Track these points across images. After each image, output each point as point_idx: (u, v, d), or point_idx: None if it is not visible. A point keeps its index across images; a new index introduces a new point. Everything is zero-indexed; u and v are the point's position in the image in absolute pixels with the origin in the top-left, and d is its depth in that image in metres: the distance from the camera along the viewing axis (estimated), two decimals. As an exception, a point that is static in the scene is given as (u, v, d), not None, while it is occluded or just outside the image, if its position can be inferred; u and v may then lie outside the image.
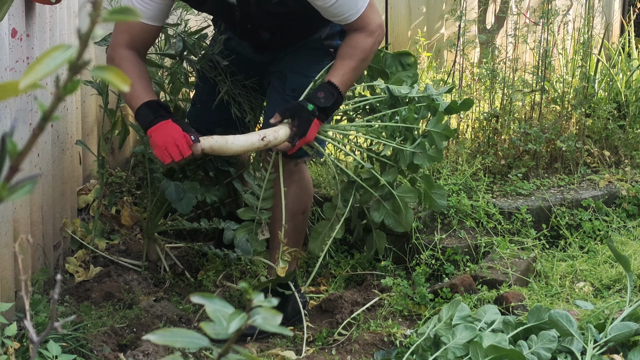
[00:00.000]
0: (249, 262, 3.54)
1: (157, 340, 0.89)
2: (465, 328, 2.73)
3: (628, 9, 6.03)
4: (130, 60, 2.96)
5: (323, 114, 2.94)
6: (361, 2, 2.94)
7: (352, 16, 2.94)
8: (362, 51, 2.98)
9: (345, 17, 2.94)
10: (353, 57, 2.97)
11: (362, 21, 2.97)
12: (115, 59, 2.97)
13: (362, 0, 2.94)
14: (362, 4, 2.94)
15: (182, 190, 3.18)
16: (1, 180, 0.81)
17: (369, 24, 2.98)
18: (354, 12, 2.93)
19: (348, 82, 2.98)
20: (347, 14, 2.93)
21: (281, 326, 0.90)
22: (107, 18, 0.82)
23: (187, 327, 3.11)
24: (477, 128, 4.25)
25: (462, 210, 3.73)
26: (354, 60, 2.97)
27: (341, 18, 2.95)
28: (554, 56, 4.62)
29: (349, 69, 2.97)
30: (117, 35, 2.99)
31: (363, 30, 2.98)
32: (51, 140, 3.08)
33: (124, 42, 2.96)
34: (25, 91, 0.83)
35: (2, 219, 2.64)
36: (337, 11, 2.91)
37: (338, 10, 2.90)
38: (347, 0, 2.90)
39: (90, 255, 3.36)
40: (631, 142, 4.35)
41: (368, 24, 2.98)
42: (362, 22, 2.97)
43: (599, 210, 3.88)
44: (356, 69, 2.99)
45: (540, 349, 2.72)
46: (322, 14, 2.94)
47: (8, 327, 2.51)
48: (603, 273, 3.42)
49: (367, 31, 2.98)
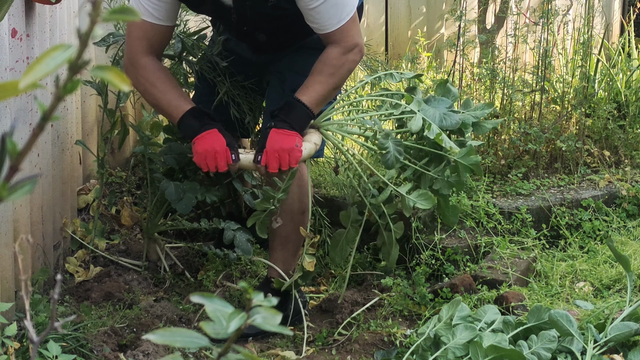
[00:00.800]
0: (249, 262, 3.54)
1: (157, 340, 0.89)
2: (465, 328, 2.73)
3: (628, 9, 6.03)
4: (156, 69, 2.96)
5: (280, 120, 2.86)
6: (344, 15, 2.87)
7: (331, 26, 2.87)
8: (332, 67, 2.89)
9: (324, 25, 2.87)
10: (322, 73, 2.90)
11: (339, 34, 2.89)
12: (140, 70, 2.93)
13: (345, 13, 2.87)
14: (344, 17, 2.87)
15: (182, 190, 3.18)
16: (1, 180, 0.81)
17: (346, 39, 2.90)
18: (334, 22, 2.87)
19: (315, 94, 2.89)
20: (327, 23, 2.86)
21: (281, 326, 0.90)
22: (107, 18, 0.82)
23: (187, 327, 3.11)
24: (477, 128, 4.25)
25: (462, 210, 3.73)
26: (324, 76, 2.90)
27: (320, 25, 2.88)
28: (554, 56, 4.61)
29: (317, 84, 2.89)
30: (135, 42, 2.94)
31: (338, 45, 2.90)
32: (51, 140, 3.08)
33: (142, 49, 2.94)
34: (25, 91, 0.83)
35: (2, 219, 2.64)
36: (319, 17, 2.85)
37: (319, 15, 2.85)
38: (331, 8, 2.83)
39: (90, 255, 3.36)
40: (631, 142, 4.35)
41: (345, 39, 2.89)
42: (340, 36, 2.89)
43: (599, 210, 3.88)
44: (324, 83, 2.89)
45: (541, 349, 2.72)
46: (305, 18, 2.89)
47: (8, 327, 2.51)
48: (603, 273, 3.42)
49: (342, 47, 2.90)
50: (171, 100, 2.94)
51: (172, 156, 3.27)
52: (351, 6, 2.89)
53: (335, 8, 2.84)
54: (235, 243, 3.28)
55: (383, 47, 6.14)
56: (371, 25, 6.01)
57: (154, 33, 2.93)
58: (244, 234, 3.31)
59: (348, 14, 2.88)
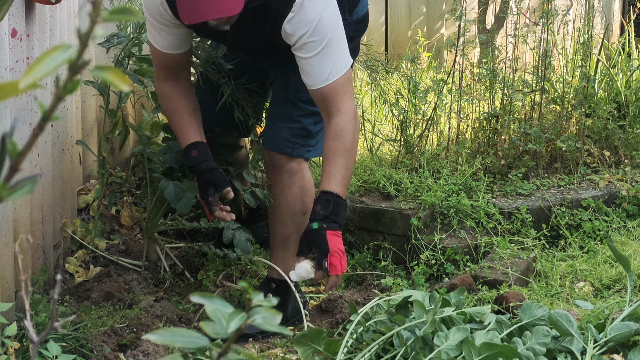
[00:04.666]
0: (249, 262, 3.54)
1: (157, 340, 0.89)
2: (458, 329, 2.74)
3: (628, 9, 6.03)
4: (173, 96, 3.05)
5: (330, 222, 2.76)
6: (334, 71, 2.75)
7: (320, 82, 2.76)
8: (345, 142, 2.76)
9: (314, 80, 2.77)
10: (338, 152, 2.77)
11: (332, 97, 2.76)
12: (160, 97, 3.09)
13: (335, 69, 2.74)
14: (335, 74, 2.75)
15: (181, 189, 3.18)
16: (1, 180, 0.81)
17: (341, 104, 2.76)
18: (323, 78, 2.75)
19: (342, 180, 2.79)
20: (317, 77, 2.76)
21: (281, 326, 0.90)
22: (107, 18, 0.82)
23: (187, 327, 3.11)
24: (477, 128, 4.25)
25: (462, 210, 3.73)
26: (341, 156, 2.77)
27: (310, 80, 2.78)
28: (554, 56, 4.61)
29: (339, 167, 2.77)
30: (155, 69, 3.06)
31: (337, 113, 2.76)
32: (51, 140, 3.08)
33: (164, 76, 3.03)
34: (25, 91, 0.83)
35: (2, 219, 2.64)
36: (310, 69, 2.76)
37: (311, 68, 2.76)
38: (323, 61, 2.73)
39: (90, 255, 3.36)
40: (631, 142, 4.35)
41: (340, 104, 2.76)
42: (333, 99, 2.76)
43: (599, 210, 3.88)
44: (346, 165, 2.79)
45: (535, 344, 2.73)
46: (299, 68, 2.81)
47: (8, 327, 2.51)
48: (603, 273, 3.42)
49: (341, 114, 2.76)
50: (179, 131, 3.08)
51: (171, 155, 3.27)
52: (343, 64, 2.77)
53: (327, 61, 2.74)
54: (234, 242, 3.28)
55: (383, 47, 6.14)
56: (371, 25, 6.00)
57: (170, 61, 3.01)
58: (243, 233, 3.30)
59: (339, 71, 2.76)
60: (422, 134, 4.11)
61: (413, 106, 4.16)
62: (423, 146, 4.11)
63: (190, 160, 3.04)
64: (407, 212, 3.68)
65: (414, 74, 4.39)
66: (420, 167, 3.97)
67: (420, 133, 4.12)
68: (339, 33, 2.78)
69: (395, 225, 3.70)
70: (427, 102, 4.18)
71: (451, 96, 4.23)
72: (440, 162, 4.01)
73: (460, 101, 4.17)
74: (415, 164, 4.01)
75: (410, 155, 4.07)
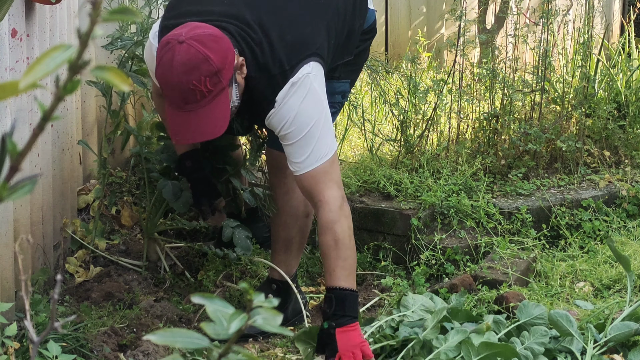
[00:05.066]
0: (249, 262, 3.54)
1: (157, 340, 0.89)
2: (457, 332, 2.74)
3: (628, 9, 6.03)
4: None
5: (339, 317, 2.74)
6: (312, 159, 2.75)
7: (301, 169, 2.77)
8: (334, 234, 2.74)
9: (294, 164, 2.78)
10: (330, 247, 2.76)
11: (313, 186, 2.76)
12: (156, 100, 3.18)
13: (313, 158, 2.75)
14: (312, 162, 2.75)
15: (179, 189, 3.18)
16: (1, 180, 0.81)
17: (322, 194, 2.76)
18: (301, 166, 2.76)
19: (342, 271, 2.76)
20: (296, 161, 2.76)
21: (282, 327, 0.90)
22: (106, 18, 0.82)
23: (187, 327, 3.11)
24: (477, 128, 4.25)
25: (462, 210, 3.73)
26: (334, 250, 2.76)
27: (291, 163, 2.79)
28: (554, 56, 4.61)
29: (335, 261, 2.76)
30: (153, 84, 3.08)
31: (320, 204, 2.76)
32: (51, 140, 3.08)
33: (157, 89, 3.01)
34: (25, 91, 0.83)
35: (2, 219, 2.64)
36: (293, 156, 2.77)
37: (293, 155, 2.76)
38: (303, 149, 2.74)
39: (90, 255, 3.35)
40: (631, 142, 4.35)
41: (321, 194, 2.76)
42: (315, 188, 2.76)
43: (599, 210, 3.88)
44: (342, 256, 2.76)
45: (533, 343, 2.73)
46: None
47: (8, 327, 2.51)
48: (603, 273, 3.42)
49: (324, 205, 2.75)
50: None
51: (169, 155, 3.27)
52: (323, 153, 2.76)
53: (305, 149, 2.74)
54: (234, 241, 3.27)
55: (383, 47, 6.14)
56: (371, 25, 6.01)
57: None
58: (243, 231, 3.30)
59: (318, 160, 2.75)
60: (422, 134, 4.10)
61: (413, 106, 4.15)
62: (423, 146, 4.11)
63: (184, 170, 3.12)
64: (407, 212, 3.68)
65: (414, 74, 4.38)
66: (420, 167, 3.97)
67: (421, 133, 4.11)
68: (321, 122, 2.75)
69: (395, 225, 3.70)
70: (427, 102, 4.18)
71: (451, 96, 4.22)
72: (441, 162, 4.00)
73: (460, 101, 4.17)
74: (416, 164, 4.01)
75: (410, 155, 4.06)
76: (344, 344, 2.70)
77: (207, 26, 2.67)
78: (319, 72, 2.78)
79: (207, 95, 2.61)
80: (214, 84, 2.61)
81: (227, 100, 2.67)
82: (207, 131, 2.68)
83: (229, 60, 2.64)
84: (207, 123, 2.65)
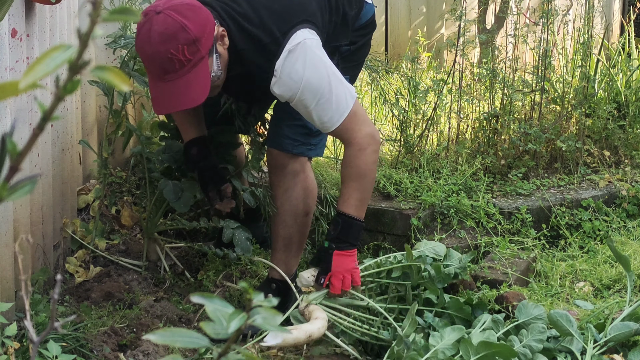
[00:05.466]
0: (249, 262, 3.54)
1: (157, 340, 0.89)
2: (453, 329, 2.74)
3: (628, 9, 6.03)
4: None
5: (340, 242, 2.90)
6: (337, 114, 2.82)
7: (331, 126, 2.84)
8: (356, 168, 2.87)
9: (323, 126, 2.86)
10: (351, 177, 2.89)
11: (341, 132, 2.87)
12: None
13: (338, 113, 2.82)
14: (339, 117, 2.83)
15: (180, 189, 3.18)
16: (1, 180, 0.81)
17: (353, 136, 2.86)
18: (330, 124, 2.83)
19: (356, 202, 2.90)
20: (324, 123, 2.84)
21: (281, 326, 0.90)
22: (107, 18, 0.82)
23: (187, 327, 3.11)
24: (477, 128, 4.25)
25: (462, 210, 3.73)
26: (354, 181, 2.88)
27: (319, 125, 2.87)
28: (554, 56, 4.61)
29: (352, 190, 2.89)
30: None
31: (350, 144, 2.88)
32: (51, 140, 3.08)
33: None
34: (25, 91, 0.83)
35: (2, 219, 2.64)
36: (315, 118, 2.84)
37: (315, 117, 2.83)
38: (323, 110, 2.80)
39: (90, 255, 3.35)
40: (631, 142, 4.35)
41: (353, 137, 2.86)
42: (346, 135, 2.87)
43: (599, 210, 3.88)
44: (358, 188, 2.89)
45: (532, 341, 2.73)
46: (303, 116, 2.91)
47: (8, 327, 2.51)
48: (603, 273, 3.42)
49: (354, 145, 2.86)
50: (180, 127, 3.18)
51: (170, 155, 3.27)
52: (345, 104, 2.83)
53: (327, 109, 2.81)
54: (234, 241, 3.27)
55: (383, 47, 6.14)
56: (371, 25, 6.01)
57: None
58: (243, 232, 3.30)
59: (343, 113, 2.82)
60: (422, 134, 4.11)
61: (413, 106, 4.16)
62: (423, 146, 4.11)
63: (190, 157, 3.13)
64: (407, 212, 3.68)
65: (414, 74, 4.39)
66: (420, 167, 3.97)
67: (420, 133, 4.12)
68: (332, 80, 2.80)
69: (395, 225, 3.70)
70: (427, 102, 4.18)
71: (451, 96, 4.23)
72: (440, 162, 4.01)
73: (460, 101, 4.17)
74: (415, 164, 4.01)
75: (410, 155, 4.07)
76: (337, 266, 2.88)
77: None
78: (316, 37, 2.83)
79: (186, 64, 2.65)
80: (193, 52, 2.65)
81: (207, 69, 2.71)
82: (187, 100, 2.71)
83: (207, 29, 2.68)
84: (187, 92, 2.69)
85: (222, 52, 2.77)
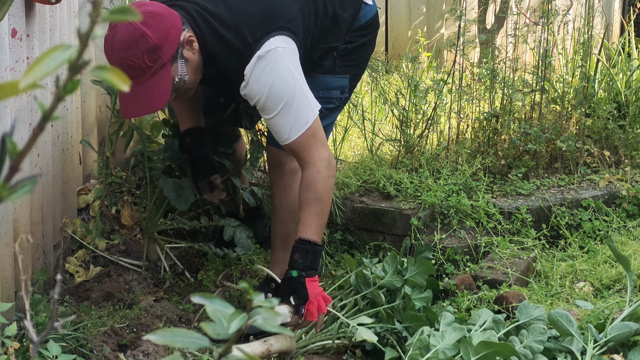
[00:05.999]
0: (249, 262, 3.54)
1: (157, 340, 0.89)
2: (453, 329, 2.74)
3: (628, 9, 6.03)
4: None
5: (309, 269, 2.89)
6: (295, 127, 2.83)
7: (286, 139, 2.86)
8: (317, 193, 2.87)
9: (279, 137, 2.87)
10: (310, 203, 2.87)
11: (301, 150, 2.86)
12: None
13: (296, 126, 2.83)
14: (296, 130, 2.83)
15: (180, 187, 3.18)
16: (1, 180, 0.81)
17: (310, 156, 2.86)
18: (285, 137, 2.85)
19: (317, 227, 2.90)
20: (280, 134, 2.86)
21: (281, 326, 0.90)
22: (107, 18, 0.82)
23: (187, 327, 3.11)
24: (477, 128, 4.25)
25: (462, 210, 3.73)
26: (314, 206, 2.88)
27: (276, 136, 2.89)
28: (554, 56, 4.61)
29: (313, 216, 2.88)
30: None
31: (308, 165, 2.87)
32: (51, 140, 3.08)
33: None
34: (25, 91, 0.83)
35: (2, 219, 2.64)
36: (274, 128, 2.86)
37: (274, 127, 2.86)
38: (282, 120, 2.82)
39: (90, 255, 3.35)
40: (631, 142, 4.35)
41: (310, 156, 2.86)
42: (302, 152, 2.86)
43: (599, 210, 3.88)
44: (319, 213, 2.89)
45: (532, 342, 2.73)
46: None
47: (8, 327, 2.51)
48: (603, 273, 3.42)
49: (311, 166, 2.86)
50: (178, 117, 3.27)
51: (171, 154, 3.27)
52: (304, 119, 2.83)
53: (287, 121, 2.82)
54: (235, 240, 3.28)
55: (383, 47, 6.14)
56: (371, 25, 6.01)
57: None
58: (244, 230, 3.31)
59: (301, 128, 2.83)
60: (422, 134, 4.11)
61: (413, 106, 4.16)
62: (423, 146, 4.11)
63: (184, 147, 3.22)
64: (407, 212, 3.68)
65: (414, 74, 4.39)
66: (420, 167, 3.97)
67: (420, 133, 4.12)
68: (297, 92, 2.81)
69: (395, 225, 3.70)
70: (427, 102, 4.18)
71: (451, 96, 4.23)
72: (440, 162, 4.01)
73: (460, 101, 4.17)
74: (415, 163, 4.01)
75: (410, 155, 4.06)
76: (313, 293, 2.89)
77: (152, 4, 2.77)
78: (290, 46, 2.83)
79: (146, 71, 2.70)
80: (153, 60, 2.69)
81: (169, 75, 2.74)
82: (148, 106, 2.78)
83: (171, 36, 2.72)
84: (147, 98, 2.73)
85: (191, 56, 2.79)
